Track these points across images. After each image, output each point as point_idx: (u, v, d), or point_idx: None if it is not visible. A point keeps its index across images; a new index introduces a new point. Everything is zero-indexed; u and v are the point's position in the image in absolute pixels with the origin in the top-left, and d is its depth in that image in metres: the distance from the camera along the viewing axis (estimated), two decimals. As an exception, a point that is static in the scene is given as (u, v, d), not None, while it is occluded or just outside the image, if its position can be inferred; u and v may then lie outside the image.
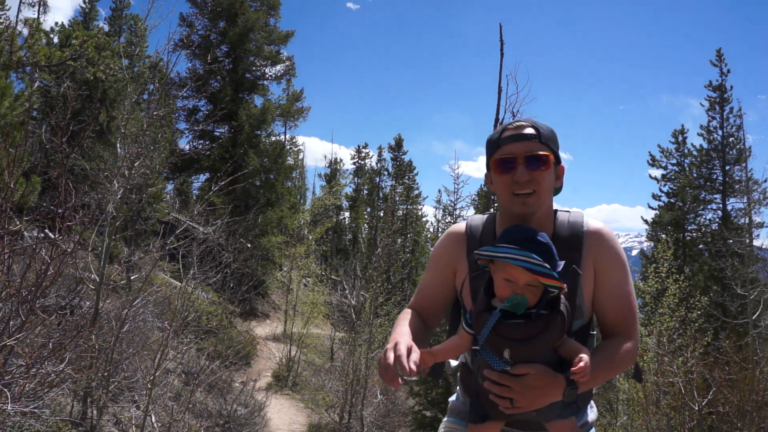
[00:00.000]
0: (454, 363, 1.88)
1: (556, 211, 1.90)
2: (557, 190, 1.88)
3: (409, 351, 1.57)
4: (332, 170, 37.47)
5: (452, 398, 2.17)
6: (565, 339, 1.62)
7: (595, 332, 1.90)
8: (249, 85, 22.40)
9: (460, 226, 1.98)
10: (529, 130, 1.77)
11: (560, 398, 1.56)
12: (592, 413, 1.98)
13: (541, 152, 1.75)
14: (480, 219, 1.96)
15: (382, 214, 31.53)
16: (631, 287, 1.82)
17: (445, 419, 2.05)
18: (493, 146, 1.83)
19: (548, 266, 1.51)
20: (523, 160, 1.73)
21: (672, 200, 23.67)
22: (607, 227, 1.85)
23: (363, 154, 37.71)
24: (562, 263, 1.59)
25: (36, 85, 12.74)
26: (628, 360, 1.74)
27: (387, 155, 37.45)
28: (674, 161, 24.29)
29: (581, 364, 1.53)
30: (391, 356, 1.55)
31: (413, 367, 1.52)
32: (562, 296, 1.61)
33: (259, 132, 21.73)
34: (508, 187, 1.75)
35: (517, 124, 1.80)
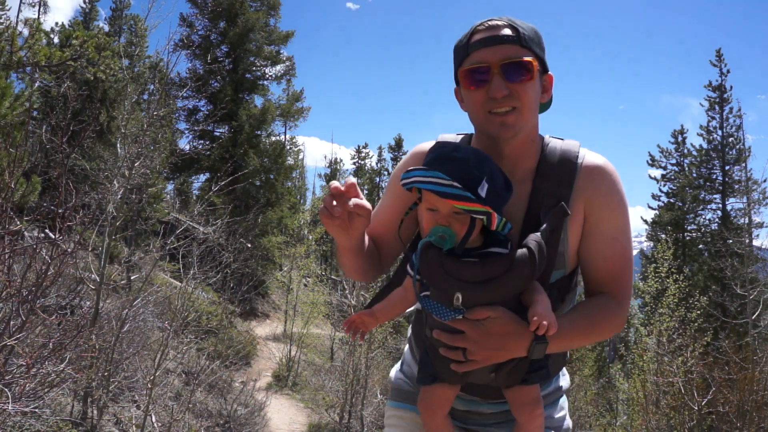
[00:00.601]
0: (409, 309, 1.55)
1: (544, 137, 1.54)
2: (545, 105, 1.53)
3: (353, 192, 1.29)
4: (332, 170, 37.49)
5: (394, 370, 1.76)
6: (533, 287, 1.31)
7: (574, 290, 1.57)
8: (249, 85, 22.40)
9: (427, 144, 1.63)
10: (506, 31, 1.39)
11: (524, 354, 1.28)
12: (564, 380, 1.68)
13: (523, 58, 1.37)
14: (452, 138, 1.63)
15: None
16: (630, 241, 1.48)
17: (387, 405, 1.68)
18: (461, 53, 1.44)
19: (458, 185, 1.20)
20: (498, 69, 1.37)
21: (672, 200, 23.72)
22: (610, 164, 1.48)
23: (363, 154, 37.74)
24: (485, 184, 1.25)
25: (36, 85, 12.75)
26: (612, 324, 1.43)
27: (387, 155, 37.49)
28: (674, 161, 24.33)
29: (534, 318, 1.23)
30: (335, 185, 1.27)
31: (364, 204, 1.27)
32: (538, 234, 1.32)
33: (259, 132, 21.73)
34: (483, 105, 1.39)
35: (490, 23, 1.41)
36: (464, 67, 1.42)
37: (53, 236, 3.80)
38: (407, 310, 1.55)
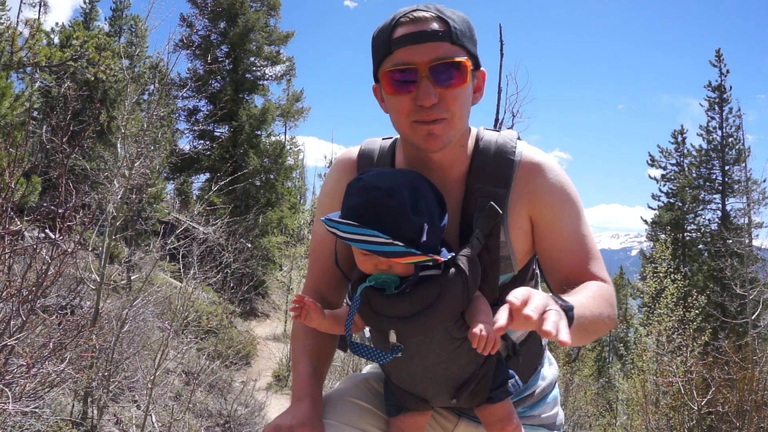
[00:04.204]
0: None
1: (478, 131, 1.40)
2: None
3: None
4: (332, 170, 37.45)
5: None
6: (473, 299, 1.21)
7: (533, 280, 1.46)
8: (249, 85, 22.40)
9: (352, 151, 1.51)
10: (435, 25, 1.20)
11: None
12: (551, 371, 1.57)
13: (455, 58, 1.21)
14: (376, 143, 1.49)
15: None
16: (589, 227, 1.35)
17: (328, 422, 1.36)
18: (382, 50, 1.25)
19: (400, 244, 1.08)
20: (427, 71, 1.19)
21: (671, 200, 23.74)
22: (550, 159, 1.35)
23: (363, 154, 37.71)
24: (426, 226, 1.13)
25: (36, 85, 12.76)
26: (610, 301, 1.26)
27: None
28: (674, 161, 24.35)
29: (473, 331, 1.10)
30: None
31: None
32: (467, 248, 1.23)
33: (259, 132, 21.73)
34: (407, 113, 1.23)
35: (416, 14, 1.21)
36: (386, 67, 1.24)
37: (53, 236, 3.81)
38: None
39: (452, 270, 1.18)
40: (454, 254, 1.19)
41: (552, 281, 1.36)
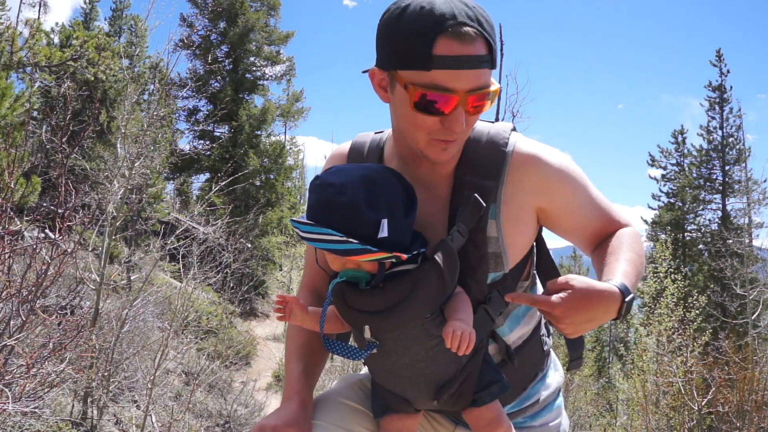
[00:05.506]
0: None
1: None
2: None
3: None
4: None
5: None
6: (454, 295, 1.19)
7: (529, 280, 1.40)
8: (249, 85, 22.40)
9: (344, 147, 1.47)
10: (480, 49, 1.11)
11: (616, 316, 1.10)
12: (556, 377, 1.53)
13: (492, 88, 1.16)
14: (368, 137, 1.44)
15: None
16: (595, 188, 1.35)
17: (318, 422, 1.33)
18: (415, 58, 1.12)
19: (354, 241, 1.06)
20: (465, 100, 1.13)
21: (672, 200, 23.74)
22: (545, 147, 1.31)
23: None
24: (385, 222, 1.09)
25: (36, 85, 12.74)
26: (638, 244, 1.30)
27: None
28: (674, 161, 24.35)
29: (446, 333, 1.09)
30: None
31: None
32: (446, 241, 1.19)
33: (259, 132, 21.73)
34: (430, 131, 1.17)
35: (462, 30, 1.10)
36: (419, 82, 1.12)
37: (53, 236, 3.82)
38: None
39: (427, 264, 1.15)
40: (423, 249, 1.16)
41: (582, 244, 1.36)
